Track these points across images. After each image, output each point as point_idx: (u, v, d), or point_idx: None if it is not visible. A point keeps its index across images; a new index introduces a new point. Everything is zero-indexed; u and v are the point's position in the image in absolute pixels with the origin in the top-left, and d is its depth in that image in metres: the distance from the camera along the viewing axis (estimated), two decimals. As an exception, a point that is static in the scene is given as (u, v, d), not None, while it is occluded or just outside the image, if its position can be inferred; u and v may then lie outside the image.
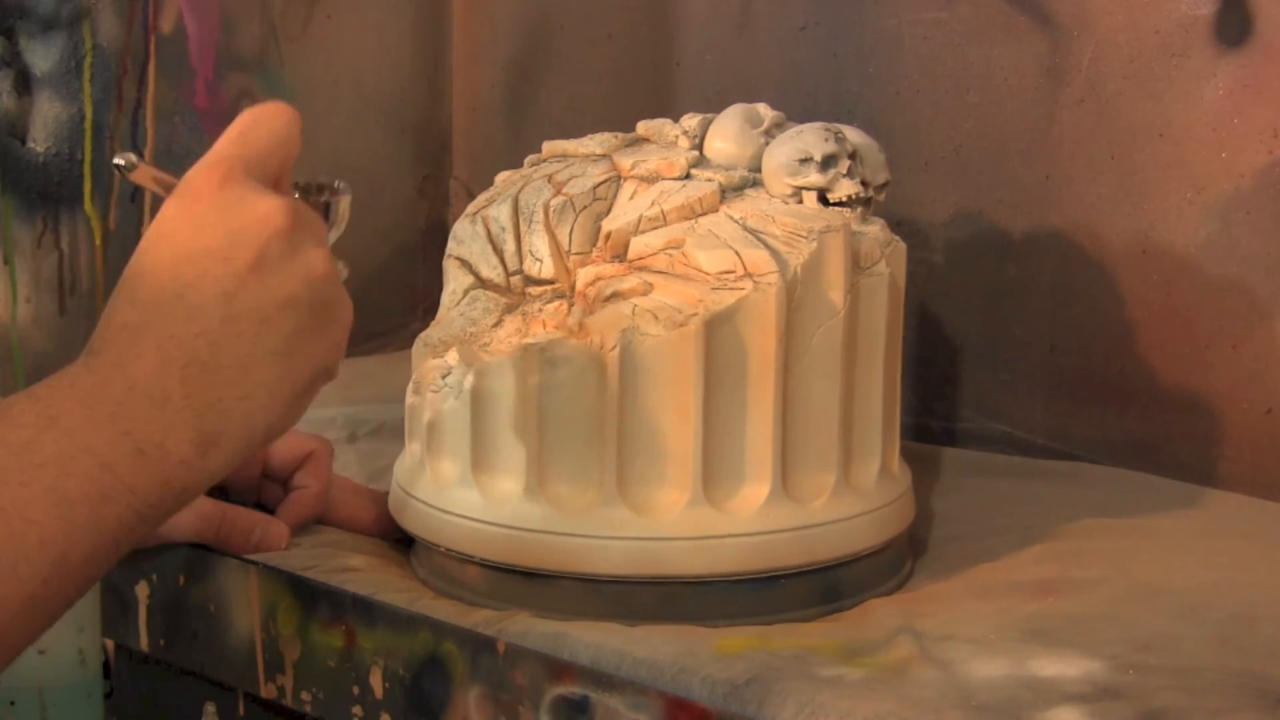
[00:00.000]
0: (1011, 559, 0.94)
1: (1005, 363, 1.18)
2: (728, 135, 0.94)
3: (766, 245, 0.86)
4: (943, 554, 0.96)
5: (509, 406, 0.85)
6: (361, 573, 0.92)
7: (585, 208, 0.90)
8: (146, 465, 0.68)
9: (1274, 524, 1.01)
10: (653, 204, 0.89)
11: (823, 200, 0.91)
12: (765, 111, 0.95)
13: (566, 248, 0.90)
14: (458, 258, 0.92)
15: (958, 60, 1.17)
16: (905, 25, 1.19)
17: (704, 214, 0.89)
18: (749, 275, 0.85)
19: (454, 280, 0.92)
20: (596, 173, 0.92)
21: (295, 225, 0.72)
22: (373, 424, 1.20)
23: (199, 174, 0.72)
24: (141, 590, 0.99)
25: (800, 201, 0.91)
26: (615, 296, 0.86)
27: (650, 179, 0.92)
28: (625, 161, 0.93)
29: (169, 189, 0.74)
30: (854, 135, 0.94)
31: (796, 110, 1.28)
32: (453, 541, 0.88)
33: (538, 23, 1.45)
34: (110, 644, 1.04)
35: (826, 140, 0.91)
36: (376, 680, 0.88)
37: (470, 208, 0.94)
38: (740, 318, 0.84)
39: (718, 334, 0.84)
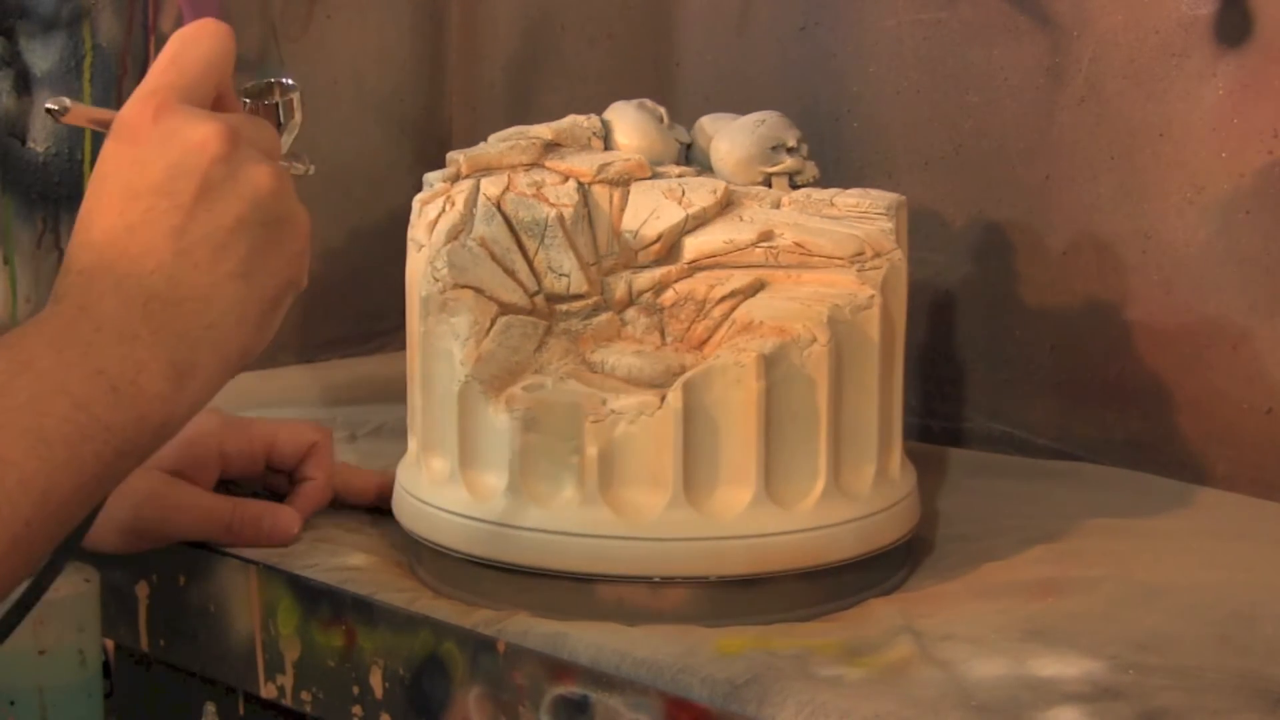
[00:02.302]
0: (1012, 559, 0.94)
1: (1006, 363, 1.17)
2: (648, 133, 0.95)
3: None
4: (943, 554, 0.96)
5: (734, 417, 0.84)
6: (361, 573, 0.91)
7: (583, 216, 0.90)
8: (121, 402, 0.68)
9: (1274, 524, 1.01)
10: (679, 203, 0.89)
11: (792, 185, 0.93)
12: (655, 106, 0.96)
13: (589, 259, 0.89)
14: (467, 286, 0.87)
15: (958, 60, 1.17)
16: (905, 25, 1.19)
17: (727, 207, 0.90)
18: (879, 254, 0.88)
19: (470, 311, 0.86)
20: (554, 180, 0.90)
21: (234, 146, 0.72)
22: (373, 424, 1.20)
23: (132, 109, 0.72)
24: (141, 590, 0.99)
25: (770, 187, 0.93)
26: (735, 295, 0.86)
27: (621, 182, 0.91)
28: (584, 166, 0.91)
29: (108, 126, 0.73)
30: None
31: (796, 110, 1.28)
32: (676, 567, 0.85)
33: (538, 23, 1.44)
34: (110, 644, 1.04)
35: (791, 127, 0.94)
36: (376, 680, 0.88)
37: (441, 235, 0.89)
38: (888, 294, 0.88)
39: (883, 312, 0.87)
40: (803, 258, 0.88)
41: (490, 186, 0.90)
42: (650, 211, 0.89)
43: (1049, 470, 1.12)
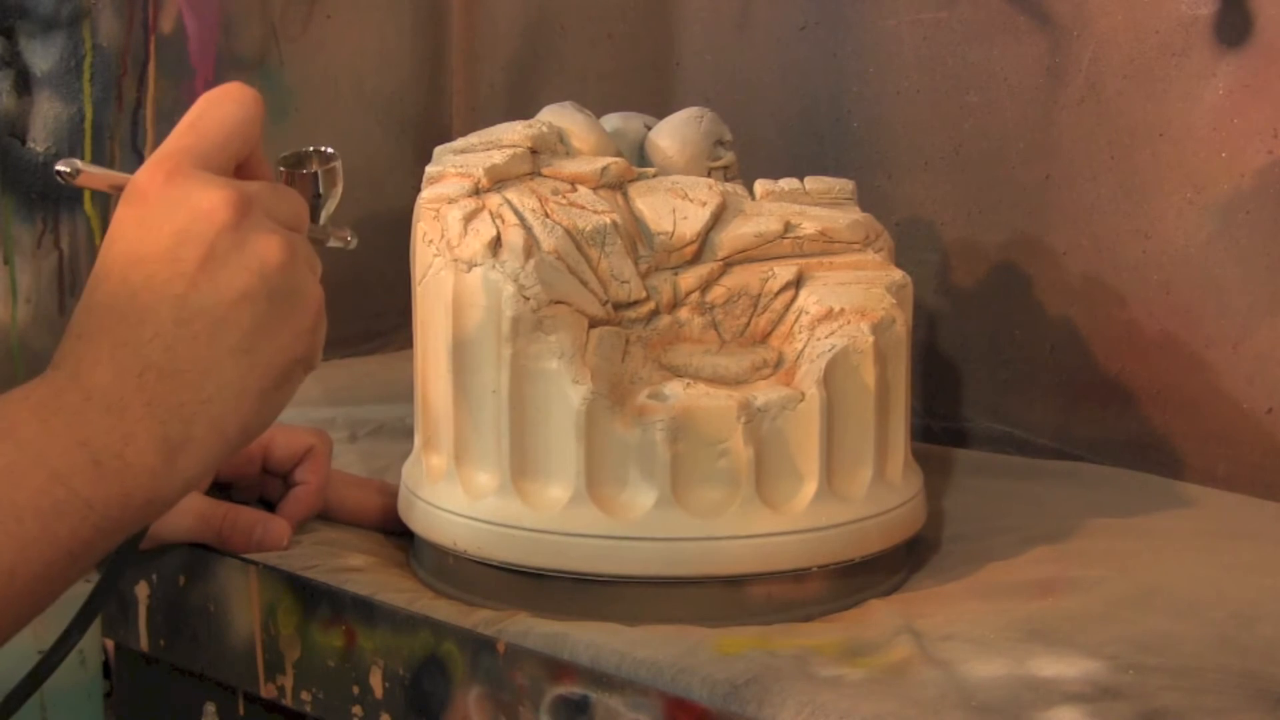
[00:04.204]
0: (1012, 559, 0.94)
1: (1006, 363, 1.18)
2: (599, 134, 0.95)
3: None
4: (943, 554, 0.96)
5: (858, 401, 0.86)
6: (361, 573, 0.91)
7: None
8: (104, 477, 0.66)
9: (1274, 524, 1.01)
10: (692, 202, 0.90)
11: (725, 178, 0.95)
12: (582, 108, 0.96)
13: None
14: (559, 301, 0.85)
15: (958, 60, 1.17)
16: (905, 25, 1.19)
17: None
18: (878, 235, 0.92)
19: (568, 326, 0.84)
20: (565, 189, 0.90)
21: (244, 215, 0.69)
22: (373, 424, 1.20)
23: (145, 172, 0.70)
24: (141, 590, 0.99)
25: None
26: (788, 288, 0.88)
27: (619, 185, 0.91)
28: (585, 170, 0.90)
29: (120, 189, 0.71)
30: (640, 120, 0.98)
31: (796, 110, 1.28)
32: (824, 556, 0.86)
33: (538, 23, 1.45)
34: (110, 644, 1.04)
35: (722, 122, 0.97)
36: (376, 680, 0.88)
37: (518, 252, 0.85)
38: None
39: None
40: (825, 245, 0.90)
41: (525, 199, 0.87)
42: (671, 211, 0.89)
43: (1049, 470, 1.12)
